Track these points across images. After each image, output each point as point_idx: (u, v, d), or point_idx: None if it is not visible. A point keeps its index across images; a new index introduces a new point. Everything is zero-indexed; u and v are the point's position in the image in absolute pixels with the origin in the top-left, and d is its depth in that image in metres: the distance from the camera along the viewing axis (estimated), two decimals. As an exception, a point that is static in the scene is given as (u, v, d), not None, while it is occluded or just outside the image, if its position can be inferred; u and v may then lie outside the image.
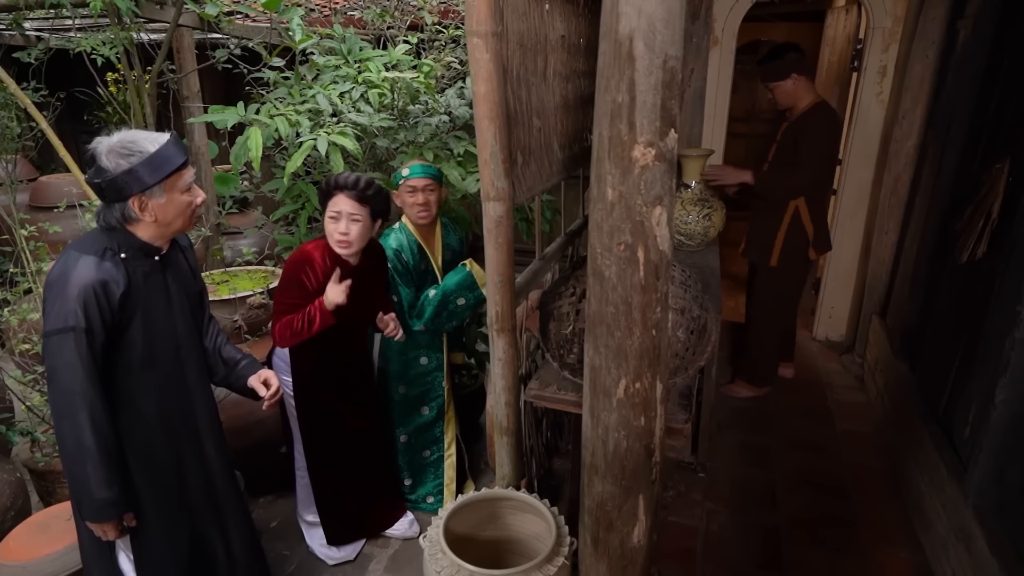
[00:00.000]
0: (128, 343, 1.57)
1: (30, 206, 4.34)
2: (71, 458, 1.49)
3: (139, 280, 1.58)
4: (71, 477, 1.51)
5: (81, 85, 3.70)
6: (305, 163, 2.75)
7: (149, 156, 1.49)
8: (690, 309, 1.74)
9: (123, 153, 1.48)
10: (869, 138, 3.71)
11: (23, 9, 3.03)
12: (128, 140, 1.49)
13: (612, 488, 1.45)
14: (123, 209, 1.52)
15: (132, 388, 1.61)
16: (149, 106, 3.10)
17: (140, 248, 1.58)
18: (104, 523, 1.55)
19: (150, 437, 1.65)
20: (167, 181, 1.53)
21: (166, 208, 1.55)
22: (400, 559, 2.45)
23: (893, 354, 3.14)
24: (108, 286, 1.50)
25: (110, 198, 1.51)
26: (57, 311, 1.46)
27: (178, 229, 1.64)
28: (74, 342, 1.45)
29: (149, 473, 1.65)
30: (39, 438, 2.35)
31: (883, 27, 3.53)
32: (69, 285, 1.46)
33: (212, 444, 1.79)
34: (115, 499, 1.53)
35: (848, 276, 4.00)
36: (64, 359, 1.45)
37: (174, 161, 1.52)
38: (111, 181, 1.47)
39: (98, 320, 1.48)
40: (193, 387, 1.75)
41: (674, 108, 1.20)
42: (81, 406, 1.47)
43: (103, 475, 1.50)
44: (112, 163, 1.47)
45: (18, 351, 2.43)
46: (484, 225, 1.60)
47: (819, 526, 2.56)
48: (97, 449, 1.48)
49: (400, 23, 3.65)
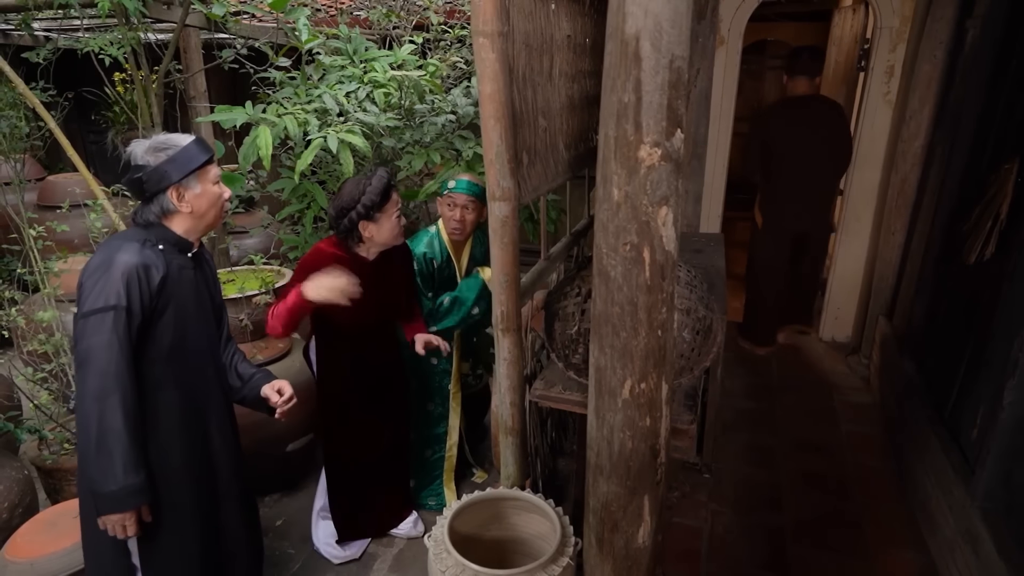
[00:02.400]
0: (160, 332, 1.61)
1: (38, 205, 4.36)
2: (97, 441, 1.48)
3: (175, 271, 1.64)
4: (93, 464, 1.49)
5: (88, 85, 3.72)
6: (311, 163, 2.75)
7: (184, 147, 1.60)
8: (696, 310, 1.74)
9: (159, 148, 1.59)
10: (876, 138, 3.70)
11: (32, 9, 3.04)
12: (161, 139, 1.61)
13: (617, 489, 1.45)
14: (162, 202, 1.61)
15: (157, 378, 1.63)
16: (156, 106, 3.10)
17: (175, 243, 1.66)
18: (125, 513, 1.53)
19: (169, 428, 1.66)
20: (200, 171, 1.63)
21: (201, 198, 1.65)
22: (405, 558, 2.46)
23: (899, 355, 3.13)
24: (150, 270, 1.57)
25: (151, 190, 1.59)
26: (99, 291, 1.50)
27: (210, 223, 1.71)
28: (113, 321, 1.49)
29: (162, 468, 1.65)
30: (47, 436, 2.36)
31: (891, 27, 3.51)
32: (113, 267, 1.52)
33: (222, 440, 1.81)
34: (141, 486, 1.53)
35: (855, 277, 3.98)
36: (102, 339, 1.48)
37: (204, 153, 1.64)
38: (153, 171, 1.57)
39: (138, 301, 1.54)
40: (211, 384, 1.78)
41: (680, 108, 1.20)
42: (115, 388, 1.48)
43: (131, 459, 1.50)
44: (150, 158, 1.57)
45: (26, 350, 2.44)
46: (489, 225, 1.60)
47: (824, 527, 2.55)
48: (126, 432, 1.49)
49: (406, 23, 3.65)
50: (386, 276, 2.21)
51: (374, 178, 2.04)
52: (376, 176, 2.05)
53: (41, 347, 2.40)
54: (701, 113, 3.63)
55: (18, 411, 2.63)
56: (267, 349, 2.68)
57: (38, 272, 2.69)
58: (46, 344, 2.39)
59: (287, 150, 3.12)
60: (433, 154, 2.75)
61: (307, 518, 2.54)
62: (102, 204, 2.56)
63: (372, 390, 2.32)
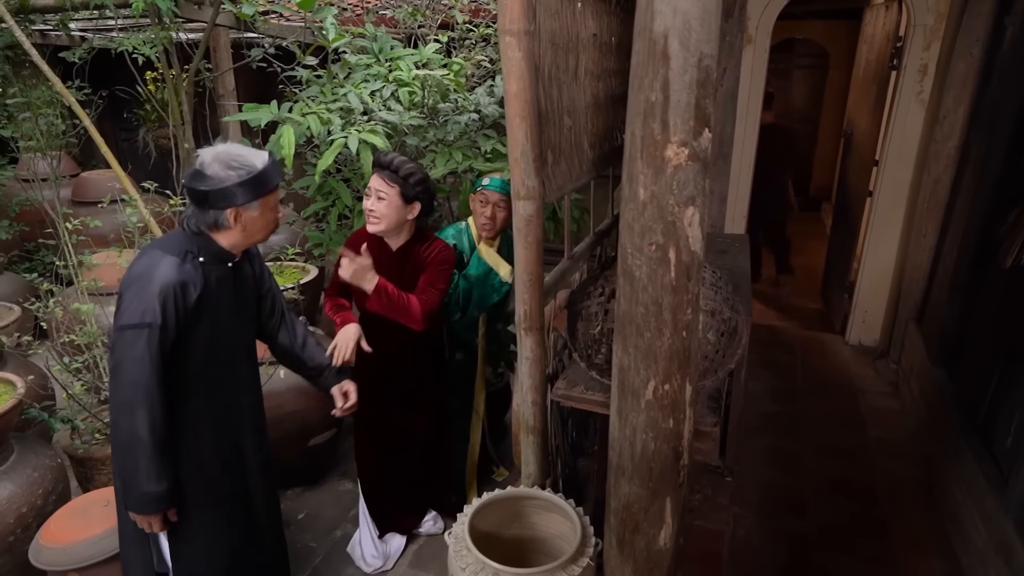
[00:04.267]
0: (193, 343, 1.62)
1: (72, 201, 4.47)
2: (124, 450, 1.53)
3: (212, 284, 1.64)
4: (122, 468, 1.56)
5: (122, 83, 3.80)
6: (336, 161, 2.78)
7: (257, 172, 1.57)
8: (721, 311, 1.72)
9: (232, 165, 1.55)
10: (907, 138, 3.62)
11: (69, 10, 3.12)
12: (236, 153, 1.57)
13: (639, 490, 1.44)
14: (217, 216, 1.59)
15: (188, 386, 1.65)
16: (186, 104, 3.17)
17: (217, 254, 1.65)
18: (149, 516, 1.60)
19: (199, 433, 1.69)
20: (265, 198, 1.61)
21: (256, 221, 1.64)
22: (424, 555, 2.47)
23: (930, 360, 3.06)
24: (187, 288, 1.56)
25: (212, 205, 1.57)
26: (136, 307, 1.51)
27: (257, 241, 1.72)
28: (147, 339, 1.50)
29: (194, 469, 1.69)
30: (79, 426, 2.42)
31: (925, 24, 3.43)
32: (152, 283, 1.52)
33: (252, 443, 1.84)
34: (162, 494, 1.57)
35: (883, 280, 3.90)
36: (135, 354, 1.50)
37: (275, 179, 1.62)
38: (220, 190, 1.54)
39: (173, 319, 1.54)
40: (242, 388, 1.80)
41: (708, 107, 1.18)
42: (142, 401, 1.51)
43: (154, 470, 1.54)
44: (220, 173, 1.54)
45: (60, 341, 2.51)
46: (514, 224, 1.60)
47: (849, 534, 2.50)
48: (151, 444, 1.52)
49: (431, 22, 3.67)
50: (410, 264, 2.21)
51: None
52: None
53: (75, 340, 2.46)
54: (727, 112, 3.58)
55: (52, 401, 2.70)
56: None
57: (72, 266, 2.76)
58: (80, 336, 2.45)
59: (312, 148, 3.16)
60: (456, 153, 2.75)
61: (329, 512, 2.58)
62: (135, 200, 2.62)
63: (396, 387, 2.33)
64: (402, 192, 2.06)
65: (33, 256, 4.54)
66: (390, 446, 2.38)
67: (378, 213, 2.08)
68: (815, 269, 5.44)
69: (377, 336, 2.22)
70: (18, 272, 4.15)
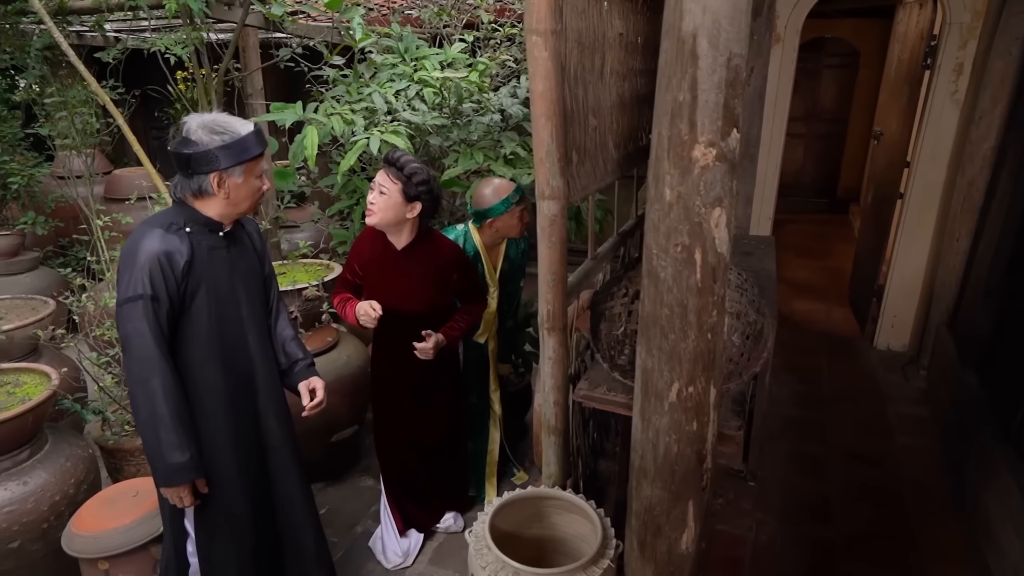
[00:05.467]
0: (195, 314, 1.66)
1: (105, 198, 4.58)
2: (145, 424, 1.57)
3: (203, 253, 1.66)
4: (145, 443, 1.59)
5: (153, 83, 3.88)
6: (360, 160, 2.81)
7: (240, 137, 1.60)
8: (746, 314, 1.70)
9: (216, 130, 1.58)
10: (941, 139, 3.53)
11: (105, 11, 3.20)
12: (221, 120, 1.60)
13: (661, 492, 1.43)
14: (201, 182, 1.61)
15: (198, 358, 1.68)
16: (216, 103, 3.22)
17: (204, 224, 1.67)
18: (177, 487, 1.62)
19: (214, 407, 1.72)
20: (248, 164, 1.63)
21: (240, 189, 1.65)
22: (444, 552, 2.48)
23: (962, 367, 2.98)
24: (172, 256, 1.59)
25: (195, 169, 1.60)
26: (127, 281, 1.56)
27: (243, 211, 1.73)
28: (142, 309, 1.54)
29: (212, 443, 1.72)
30: (109, 417, 2.48)
31: (961, 22, 3.35)
32: (137, 256, 1.56)
33: (273, 415, 1.85)
34: (187, 464, 1.60)
35: (913, 283, 3.82)
36: (135, 326, 1.54)
37: (258, 147, 1.64)
38: (203, 153, 1.57)
39: (163, 288, 1.57)
40: (257, 360, 1.80)
41: (737, 107, 1.17)
42: (153, 372, 1.55)
43: (175, 439, 1.57)
44: (204, 137, 1.57)
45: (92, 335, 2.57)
46: (538, 223, 1.60)
47: (875, 542, 2.46)
48: (169, 414, 1.56)
49: (456, 21, 3.68)
50: (416, 264, 2.23)
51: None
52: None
53: (105, 334, 2.52)
54: (754, 112, 3.53)
55: (84, 393, 2.77)
56: (314, 340, 2.74)
57: (104, 261, 2.82)
58: (110, 330, 2.50)
59: (338, 147, 3.19)
60: (477, 153, 2.76)
61: (350, 507, 2.60)
62: (165, 198, 2.67)
63: (411, 386, 2.34)
64: (404, 190, 2.07)
65: (67, 251, 4.66)
66: (409, 445, 2.40)
67: (376, 206, 2.11)
68: (842, 272, 5.35)
69: (394, 337, 2.24)
70: (53, 267, 4.27)
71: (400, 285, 2.20)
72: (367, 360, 2.88)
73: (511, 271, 2.57)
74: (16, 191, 4.04)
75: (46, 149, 4.34)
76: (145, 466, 2.33)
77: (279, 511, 1.91)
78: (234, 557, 1.81)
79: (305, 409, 1.88)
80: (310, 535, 1.97)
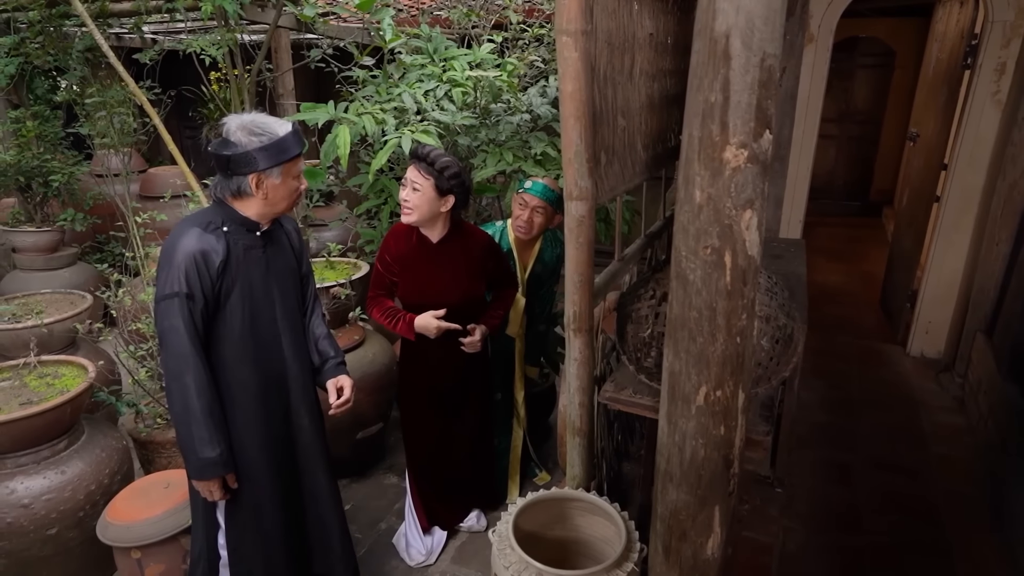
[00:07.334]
0: (229, 312, 1.69)
1: (140, 196, 4.71)
2: (178, 418, 1.61)
3: (239, 252, 1.69)
4: (179, 437, 1.64)
5: (188, 83, 3.97)
6: (389, 159, 2.83)
7: (279, 138, 1.62)
8: (776, 317, 1.67)
9: (255, 132, 1.60)
10: (981, 141, 3.43)
11: (143, 14, 3.28)
12: (260, 121, 1.62)
13: (687, 497, 1.41)
14: (240, 183, 1.64)
15: (231, 356, 1.71)
16: (248, 103, 3.28)
17: (242, 223, 1.70)
18: (207, 481, 1.67)
19: (246, 404, 1.75)
20: (286, 165, 1.66)
21: (278, 189, 1.68)
22: (466, 551, 2.49)
23: (1000, 375, 2.89)
24: (208, 255, 1.62)
25: (234, 171, 1.62)
26: (165, 278, 1.60)
27: (281, 211, 1.76)
28: (179, 307, 1.58)
29: (243, 440, 1.75)
30: (143, 410, 2.54)
31: (1004, 21, 3.25)
32: (175, 255, 1.60)
33: (305, 413, 1.87)
34: (216, 459, 1.63)
35: (950, 289, 3.72)
36: (171, 323, 1.59)
37: (297, 147, 1.66)
38: (242, 154, 1.59)
39: (198, 286, 1.60)
40: (289, 359, 1.83)
41: (770, 108, 1.15)
42: (187, 368, 1.59)
43: (206, 435, 1.61)
44: (243, 139, 1.60)
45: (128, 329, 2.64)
46: (566, 224, 1.59)
47: (907, 553, 2.40)
48: (201, 410, 1.60)
49: (485, 22, 3.69)
50: (451, 257, 2.24)
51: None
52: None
53: (140, 328, 2.59)
54: (786, 113, 3.48)
55: (119, 385, 2.84)
56: (341, 339, 2.77)
57: (139, 257, 2.90)
58: (145, 325, 2.57)
59: (367, 147, 3.22)
60: (507, 153, 2.76)
61: (374, 504, 2.62)
62: (198, 196, 2.73)
63: (439, 385, 2.36)
64: (436, 184, 2.09)
65: (104, 247, 4.80)
66: (437, 445, 2.41)
67: (412, 204, 2.11)
68: (874, 276, 5.23)
69: (423, 340, 2.26)
70: (90, 262, 4.39)
71: (437, 278, 2.22)
72: (393, 358, 2.90)
73: (543, 273, 2.57)
74: (57, 188, 4.17)
75: (85, 148, 4.46)
76: (176, 458, 2.39)
77: (307, 507, 1.94)
78: (262, 550, 1.84)
79: (333, 408, 1.90)
80: (336, 531, 1.99)
